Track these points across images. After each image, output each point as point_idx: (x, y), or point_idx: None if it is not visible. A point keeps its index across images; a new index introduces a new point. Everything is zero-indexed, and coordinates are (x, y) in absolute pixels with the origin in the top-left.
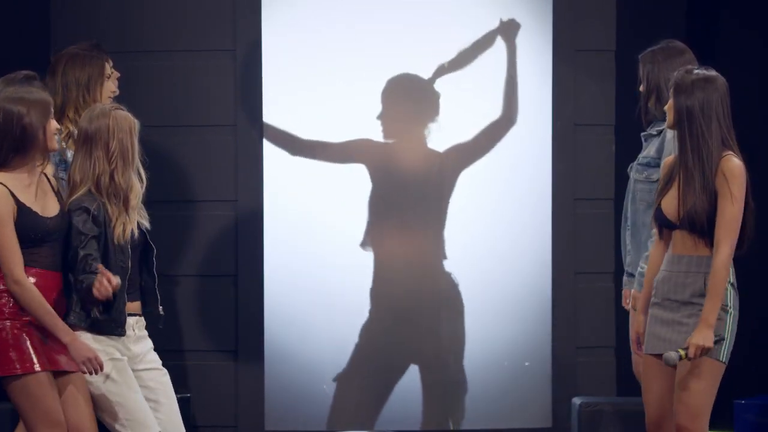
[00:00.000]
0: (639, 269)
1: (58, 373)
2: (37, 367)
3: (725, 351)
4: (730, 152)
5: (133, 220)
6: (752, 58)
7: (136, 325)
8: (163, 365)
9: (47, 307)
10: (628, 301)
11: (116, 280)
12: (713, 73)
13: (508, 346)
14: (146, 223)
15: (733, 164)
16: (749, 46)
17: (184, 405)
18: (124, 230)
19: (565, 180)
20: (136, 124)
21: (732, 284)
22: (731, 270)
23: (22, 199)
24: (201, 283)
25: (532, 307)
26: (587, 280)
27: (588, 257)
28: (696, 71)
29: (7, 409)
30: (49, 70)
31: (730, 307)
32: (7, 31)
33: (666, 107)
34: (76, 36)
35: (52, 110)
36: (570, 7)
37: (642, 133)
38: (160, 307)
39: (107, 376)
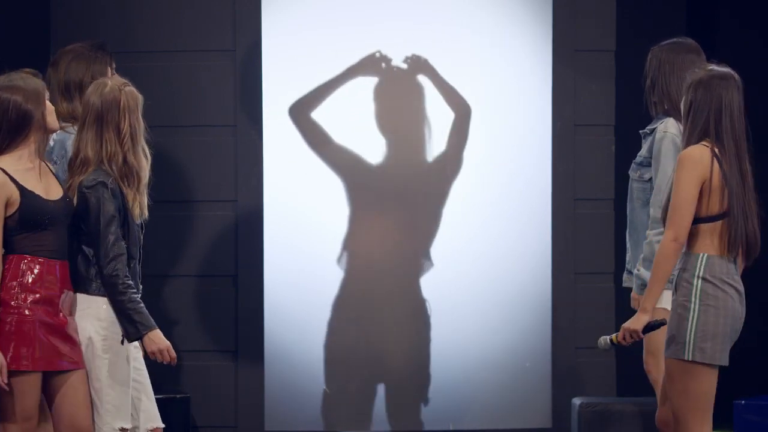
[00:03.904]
0: (635, 271)
1: (58, 371)
2: (32, 367)
3: (688, 349)
4: (704, 143)
5: (144, 199)
6: (752, 58)
7: None
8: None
9: None
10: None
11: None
12: (722, 70)
13: (508, 346)
14: None
15: (684, 153)
16: (749, 46)
17: (184, 405)
18: (141, 210)
19: (565, 180)
20: (141, 100)
21: (701, 277)
22: (701, 263)
23: (23, 182)
24: (201, 283)
25: (532, 307)
26: (587, 280)
27: (588, 257)
28: (710, 67)
29: None
30: (51, 63)
31: (693, 302)
32: (7, 31)
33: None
34: (76, 36)
35: (46, 93)
36: (570, 7)
37: (640, 131)
38: (140, 286)
39: (126, 358)
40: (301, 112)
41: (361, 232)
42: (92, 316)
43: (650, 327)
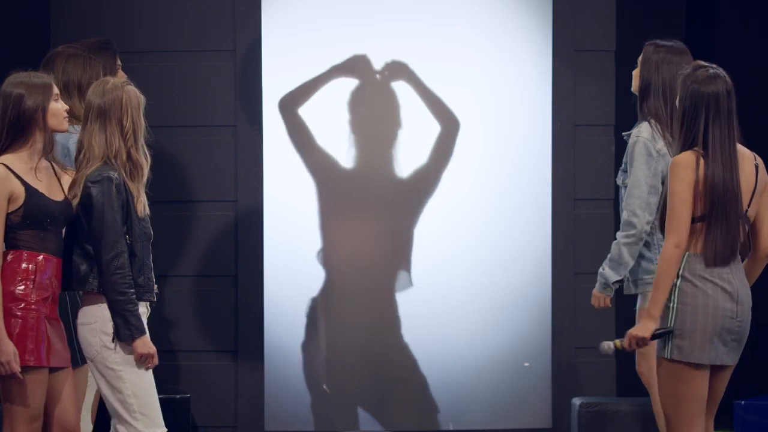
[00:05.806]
0: (600, 270)
1: (51, 369)
2: (37, 362)
3: (668, 346)
4: (692, 150)
5: (143, 195)
6: (751, 58)
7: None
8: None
9: None
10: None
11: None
12: (711, 71)
13: (508, 346)
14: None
15: (673, 161)
16: (749, 46)
17: (184, 405)
18: (144, 206)
19: (565, 180)
20: (143, 100)
21: (681, 276)
22: (684, 262)
23: (27, 180)
24: (201, 283)
25: (532, 307)
26: (587, 281)
27: (588, 257)
28: (698, 68)
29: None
30: (42, 64)
31: (672, 301)
32: (7, 31)
33: None
34: (76, 36)
35: (55, 92)
36: (570, 7)
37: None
38: (154, 284)
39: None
40: (289, 107)
41: (357, 234)
42: (100, 331)
43: (657, 335)
